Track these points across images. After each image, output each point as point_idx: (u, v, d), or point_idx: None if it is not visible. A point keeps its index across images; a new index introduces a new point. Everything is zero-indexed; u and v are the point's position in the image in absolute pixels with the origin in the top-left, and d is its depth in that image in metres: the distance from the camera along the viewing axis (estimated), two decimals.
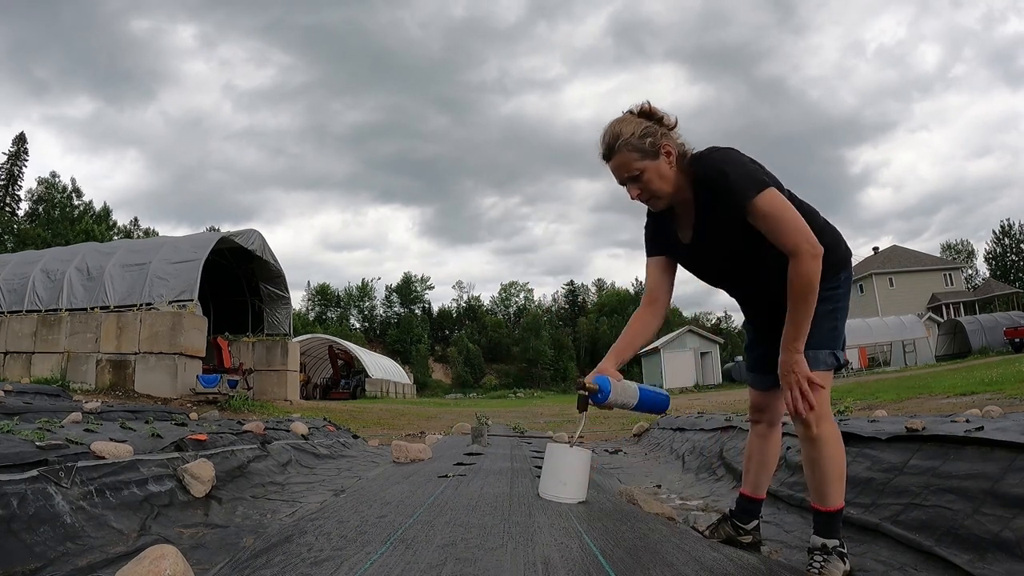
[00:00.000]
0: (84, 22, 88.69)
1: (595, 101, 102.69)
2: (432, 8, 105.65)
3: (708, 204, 1.72)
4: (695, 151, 1.75)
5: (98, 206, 53.42)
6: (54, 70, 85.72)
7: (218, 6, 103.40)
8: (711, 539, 2.02)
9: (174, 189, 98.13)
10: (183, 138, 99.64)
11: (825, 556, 1.72)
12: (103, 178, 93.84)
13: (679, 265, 1.94)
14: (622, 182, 1.75)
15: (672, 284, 1.94)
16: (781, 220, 1.62)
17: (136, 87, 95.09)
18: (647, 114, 1.74)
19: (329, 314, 67.13)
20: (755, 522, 2.11)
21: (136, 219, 60.59)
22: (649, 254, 1.94)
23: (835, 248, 1.77)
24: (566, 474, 1.87)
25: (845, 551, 1.75)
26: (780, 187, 1.73)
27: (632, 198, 1.76)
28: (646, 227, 1.95)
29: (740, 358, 33.59)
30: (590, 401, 1.80)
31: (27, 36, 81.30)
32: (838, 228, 1.85)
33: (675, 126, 1.75)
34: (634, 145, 1.68)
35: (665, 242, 1.90)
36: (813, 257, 1.60)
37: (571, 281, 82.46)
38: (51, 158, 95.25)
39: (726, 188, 1.64)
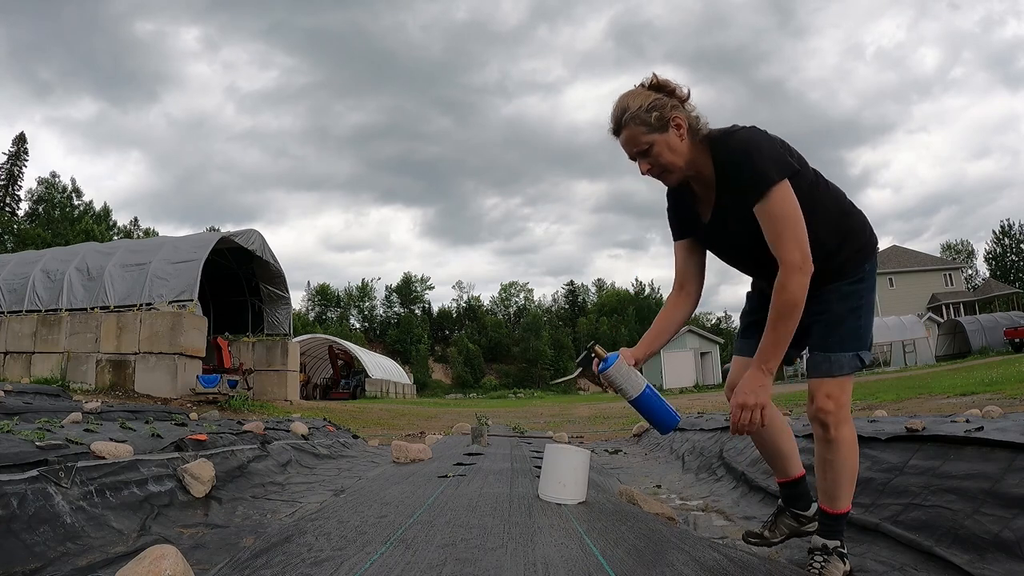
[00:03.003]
0: (88, 24, 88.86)
1: (596, 103, 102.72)
2: (434, 11, 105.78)
3: (727, 185, 1.66)
4: (714, 129, 1.68)
5: (100, 207, 53.46)
6: (57, 72, 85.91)
7: (221, 9, 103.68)
8: (772, 538, 1.96)
9: (177, 190, 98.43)
10: (186, 140, 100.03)
11: (826, 556, 1.72)
12: (106, 179, 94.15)
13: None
14: (632, 157, 1.70)
15: (702, 267, 1.87)
16: (783, 222, 1.55)
17: (139, 89, 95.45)
18: (657, 87, 1.68)
19: (329, 314, 67.10)
20: (814, 505, 1.94)
21: (136, 219, 60.50)
22: (675, 238, 1.88)
23: (859, 233, 1.70)
24: (565, 475, 1.86)
25: (845, 552, 1.75)
26: (805, 167, 1.68)
27: (642, 173, 1.70)
28: (668, 210, 1.89)
29: None
30: (594, 366, 1.76)
31: (31, 38, 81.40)
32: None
33: (688, 98, 1.68)
34: (641, 118, 1.63)
35: (687, 222, 1.84)
36: (803, 272, 1.53)
37: (571, 281, 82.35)
38: (54, 159, 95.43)
39: (747, 170, 1.58)
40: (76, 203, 51.97)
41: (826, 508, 1.75)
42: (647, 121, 1.63)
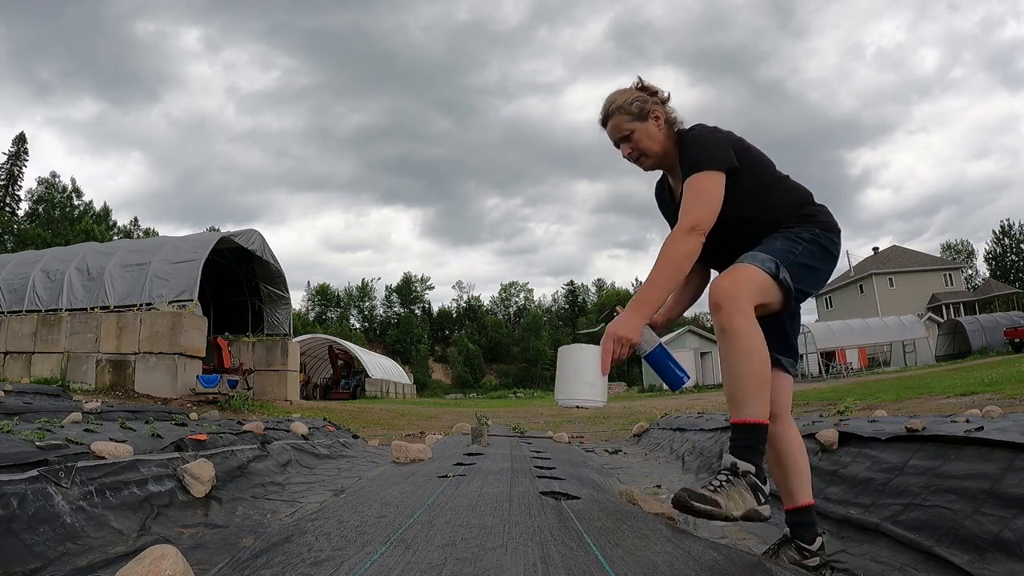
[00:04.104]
0: (89, 24, 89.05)
1: (596, 104, 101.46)
2: (435, 12, 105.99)
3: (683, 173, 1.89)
4: (685, 125, 1.92)
5: (100, 207, 53.46)
6: (58, 72, 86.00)
7: (222, 10, 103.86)
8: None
9: (177, 190, 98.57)
10: (187, 140, 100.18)
11: (730, 476, 1.52)
12: (106, 179, 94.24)
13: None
14: (616, 144, 1.94)
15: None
16: (697, 196, 1.74)
17: (140, 89, 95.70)
18: (642, 88, 1.95)
19: (329, 314, 67.13)
20: (819, 539, 1.88)
21: (136, 219, 60.60)
22: (670, 225, 2.05)
23: (817, 217, 1.81)
24: (591, 373, 1.72)
25: (765, 487, 1.54)
26: (760, 164, 1.85)
27: (623, 156, 1.95)
28: (658, 206, 2.13)
29: None
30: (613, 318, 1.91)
31: (31, 38, 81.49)
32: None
33: (668, 99, 1.95)
34: (625, 109, 1.90)
35: (670, 212, 2.05)
36: (692, 236, 1.70)
37: (571, 281, 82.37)
38: (54, 159, 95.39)
39: (686, 158, 1.82)
40: (76, 203, 52.00)
41: (733, 418, 1.60)
42: (630, 111, 1.90)
